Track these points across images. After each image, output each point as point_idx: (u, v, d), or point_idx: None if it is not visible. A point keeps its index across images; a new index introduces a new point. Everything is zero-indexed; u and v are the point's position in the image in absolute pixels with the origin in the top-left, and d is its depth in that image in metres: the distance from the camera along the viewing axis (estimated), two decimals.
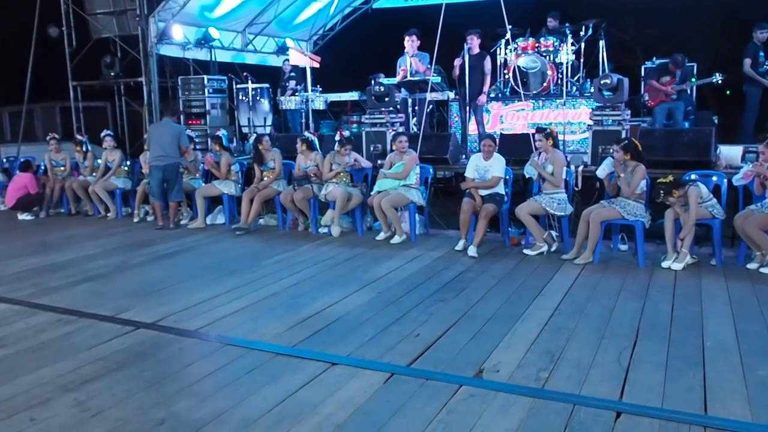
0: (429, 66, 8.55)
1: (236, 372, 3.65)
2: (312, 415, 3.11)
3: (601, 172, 6.18)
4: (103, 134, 9.14)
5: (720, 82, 8.24)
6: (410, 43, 8.71)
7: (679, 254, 5.70)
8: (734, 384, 3.40)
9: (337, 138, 7.48)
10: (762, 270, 5.49)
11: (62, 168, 9.48)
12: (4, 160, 11.08)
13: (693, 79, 8.27)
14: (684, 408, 3.14)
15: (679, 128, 7.80)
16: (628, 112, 7.64)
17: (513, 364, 3.67)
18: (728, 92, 8.92)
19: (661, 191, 5.69)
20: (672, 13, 16.07)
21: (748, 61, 8.43)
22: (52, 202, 9.40)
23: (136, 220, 8.57)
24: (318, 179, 7.51)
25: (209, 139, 9.04)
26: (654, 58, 9.47)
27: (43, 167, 9.75)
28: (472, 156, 6.98)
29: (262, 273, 5.80)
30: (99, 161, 9.14)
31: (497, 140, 6.94)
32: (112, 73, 10.99)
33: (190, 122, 10.51)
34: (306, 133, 7.97)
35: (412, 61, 8.71)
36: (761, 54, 8.46)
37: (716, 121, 9.00)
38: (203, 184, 8.45)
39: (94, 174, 9.15)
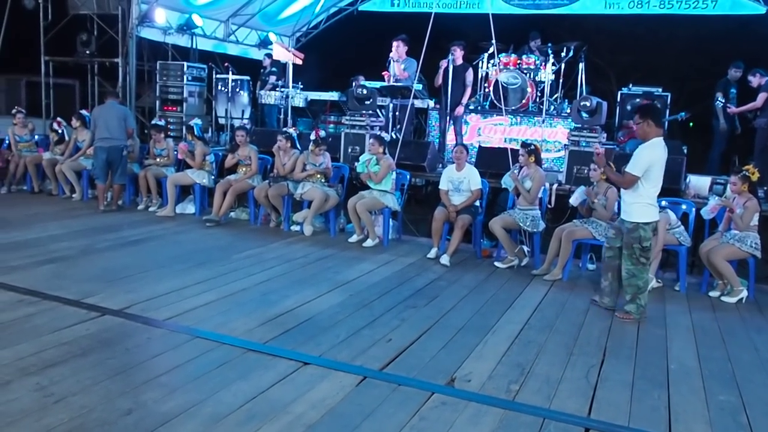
0: (413, 75, 8.56)
1: (206, 366, 3.59)
2: (283, 414, 3.08)
3: (575, 200, 6.20)
4: (77, 113, 8.88)
5: (682, 119, 8.51)
6: (397, 48, 8.73)
7: None
8: (697, 407, 3.49)
9: (312, 137, 7.43)
10: (723, 298, 5.65)
11: (26, 143, 9.18)
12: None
13: (682, 114, 8.49)
14: (649, 428, 3.22)
15: None
16: (604, 135, 7.79)
17: (484, 374, 3.70)
18: (691, 124, 9.18)
19: None
20: (645, 42, 16.50)
21: (720, 96, 8.69)
22: (15, 178, 9.11)
23: (102, 205, 8.33)
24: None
25: (184, 128, 8.89)
26: (630, 85, 9.68)
27: (7, 142, 9.44)
28: (445, 169, 7.00)
29: (232, 267, 5.73)
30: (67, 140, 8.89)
31: (468, 150, 7.01)
32: (87, 52, 10.71)
33: (165, 108, 10.34)
34: (288, 130, 7.90)
35: (395, 66, 8.74)
36: (732, 91, 8.73)
37: (685, 150, 9.24)
38: (175, 172, 8.28)
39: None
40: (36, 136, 9.37)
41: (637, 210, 4.87)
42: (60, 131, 9.00)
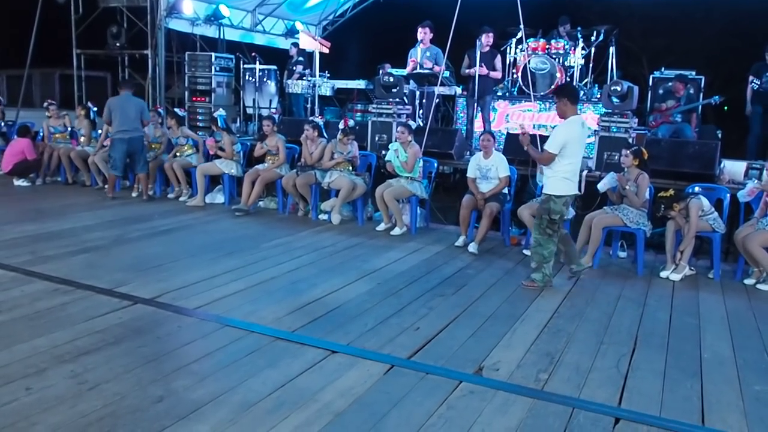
0: (440, 63, 8.47)
1: (235, 354, 3.63)
2: (311, 402, 3.10)
3: (602, 186, 6.10)
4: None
5: (716, 103, 8.29)
6: (423, 34, 8.67)
7: (678, 265, 5.73)
8: (731, 397, 3.42)
9: (341, 126, 7.43)
10: (759, 286, 5.52)
11: (60, 135, 9.37)
12: (2, 124, 10.93)
13: (716, 97, 8.25)
14: (681, 418, 3.17)
15: (684, 140, 7.79)
16: (636, 120, 7.63)
17: (513, 363, 3.68)
18: (726, 108, 8.94)
19: (662, 205, 5.69)
20: (679, 25, 16.10)
21: (752, 79, 8.47)
22: (50, 169, 9.30)
23: (134, 194, 8.49)
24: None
25: (210, 122, 8.98)
26: (663, 69, 9.45)
27: (41, 134, 9.65)
28: (472, 156, 6.94)
29: (261, 256, 5.78)
30: (99, 131, 9.03)
31: (495, 137, 6.95)
32: (118, 44, 10.87)
33: (194, 99, 10.43)
34: (315, 118, 7.92)
35: (423, 58, 8.68)
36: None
37: (720, 135, 9.02)
38: (204, 162, 8.36)
39: (91, 144, 9.06)
40: (69, 128, 9.54)
41: (552, 183, 5.14)
42: (93, 109, 9.19)
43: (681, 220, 5.75)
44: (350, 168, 7.36)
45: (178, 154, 8.45)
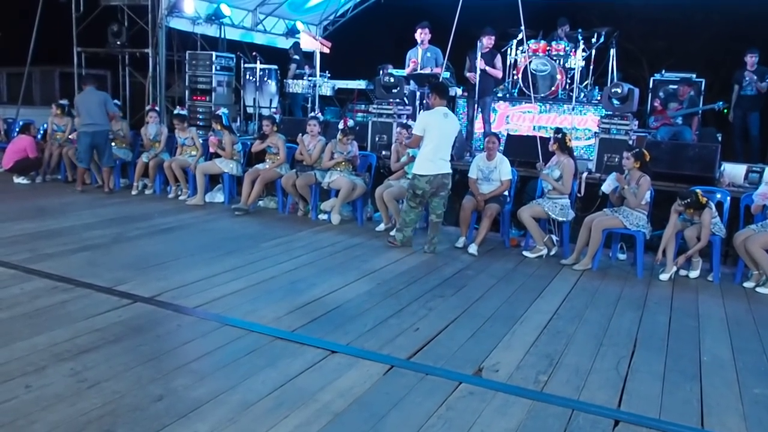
0: (440, 64, 8.48)
1: (235, 353, 3.62)
2: (311, 402, 3.10)
3: (607, 187, 6.12)
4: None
5: (719, 109, 8.34)
6: (423, 35, 8.67)
7: (693, 263, 5.82)
8: (730, 400, 3.42)
9: (340, 126, 7.43)
10: (758, 289, 5.53)
11: (62, 134, 9.36)
12: (1, 122, 10.93)
13: (720, 103, 8.29)
14: (681, 420, 3.17)
15: (685, 143, 7.80)
16: (636, 122, 7.64)
17: (512, 364, 3.68)
18: (726, 111, 8.99)
19: (688, 200, 5.61)
20: (679, 27, 16.07)
21: (737, 87, 8.61)
22: (50, 167, 9.29)
23: (134, 192, 8.49)
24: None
25: (212, 118, 8.98)
26: (663, 71, 9.46)
27: (42, 131, 9.63)
28: (475, 157, 6.95)
29: (260, 255, 5.77)
30: None
31: (501, 139, 6.96)
32: (119, 42, 10.84)
33: (194, 98, 10.42)
34: (319, 115, 7.93)
35: (424, 59, 8.68)
36: (747, 78, 8.52)
37: (720, 138, 9.02)
38: (204, 161, 8.36)
39: None
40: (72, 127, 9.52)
41: (417, 164, 6.01)
42: (65, 105, 9.27)
43: (683, 223, 5.77)
44: (350, 168, 7.36)
45: (183, 154, 8.42)
